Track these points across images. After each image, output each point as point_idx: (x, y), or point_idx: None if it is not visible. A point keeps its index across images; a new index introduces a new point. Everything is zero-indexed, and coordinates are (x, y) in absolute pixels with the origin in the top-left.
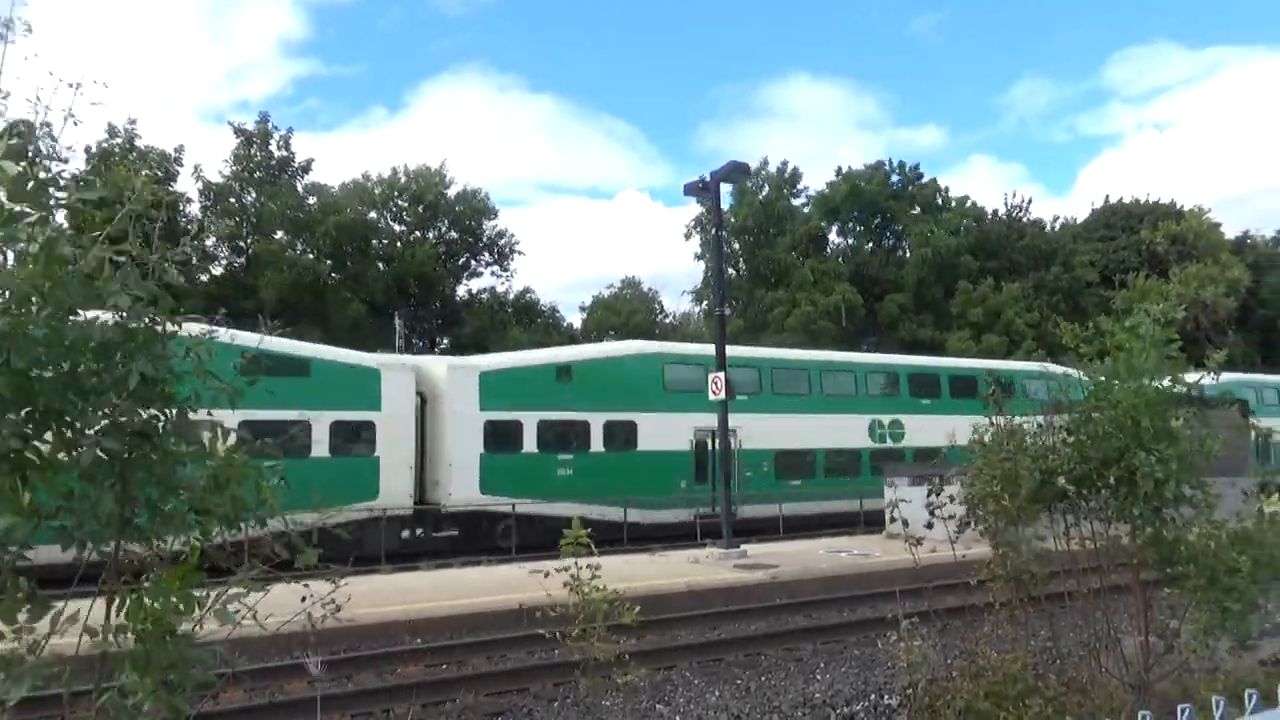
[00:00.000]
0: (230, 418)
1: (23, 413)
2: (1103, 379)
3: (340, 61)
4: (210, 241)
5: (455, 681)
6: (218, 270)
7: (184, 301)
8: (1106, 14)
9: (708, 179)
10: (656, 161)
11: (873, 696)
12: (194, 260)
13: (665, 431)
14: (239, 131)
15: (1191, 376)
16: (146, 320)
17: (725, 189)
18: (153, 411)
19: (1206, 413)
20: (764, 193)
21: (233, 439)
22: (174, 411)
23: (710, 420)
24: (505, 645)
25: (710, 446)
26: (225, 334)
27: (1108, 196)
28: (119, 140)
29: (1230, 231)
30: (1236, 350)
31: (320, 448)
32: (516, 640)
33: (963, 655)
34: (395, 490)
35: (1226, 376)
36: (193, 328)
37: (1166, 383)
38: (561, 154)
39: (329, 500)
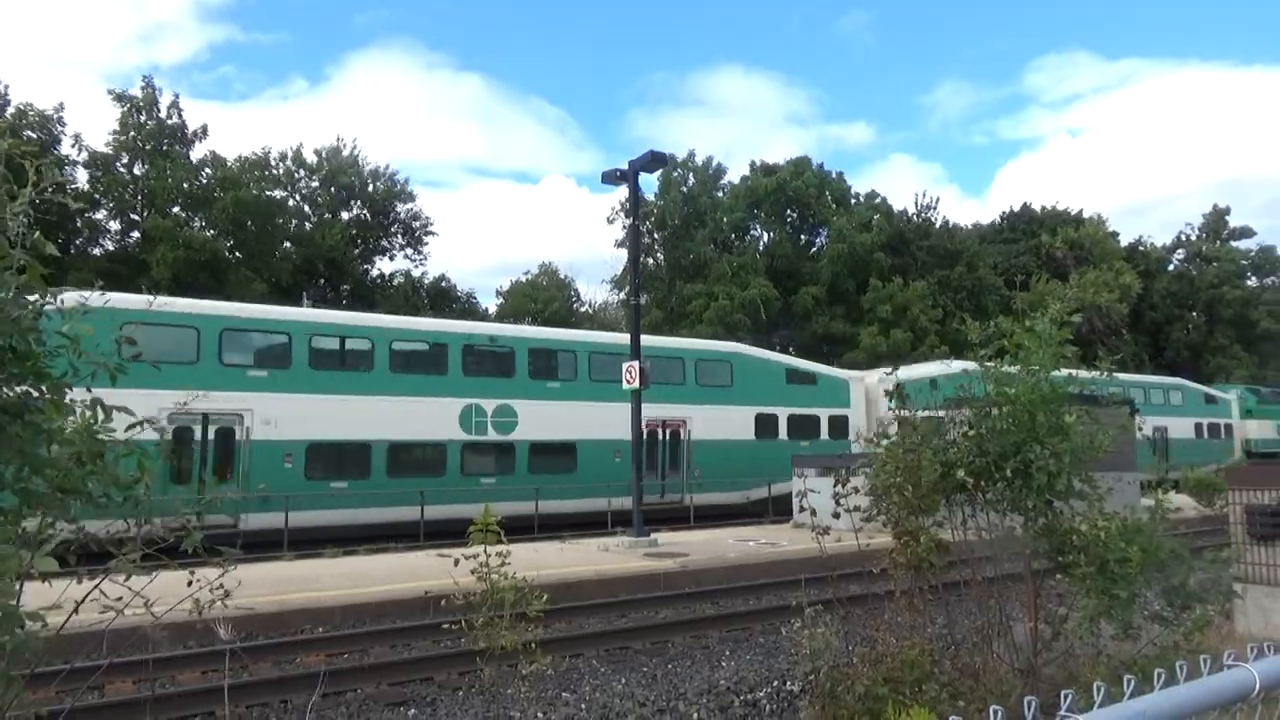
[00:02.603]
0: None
1: None
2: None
3: (259, 28)
4: (101, 214)
5: (357, 671)
6: (110, 245)
7: (68, 274)
8: (1027, 21)
9: (626, 168)
10: (585, 146)
11: (776, 683)
12: (35, 216)
13: None
14: (121, 98)
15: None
16: (13, 290)
17: (651, 178)
18: (25, 388)
19: (1096, 410)
20: (689, 184)
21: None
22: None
23: None
24: (410, 634)
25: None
26: None
27: (1027, 202)
28: None
29: (1128, 238)
30: (1128, 352)
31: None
32: (422, 629)
33: (863, 642)
34: None
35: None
36: (70, 300)
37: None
38: (488, 136)
39: None
